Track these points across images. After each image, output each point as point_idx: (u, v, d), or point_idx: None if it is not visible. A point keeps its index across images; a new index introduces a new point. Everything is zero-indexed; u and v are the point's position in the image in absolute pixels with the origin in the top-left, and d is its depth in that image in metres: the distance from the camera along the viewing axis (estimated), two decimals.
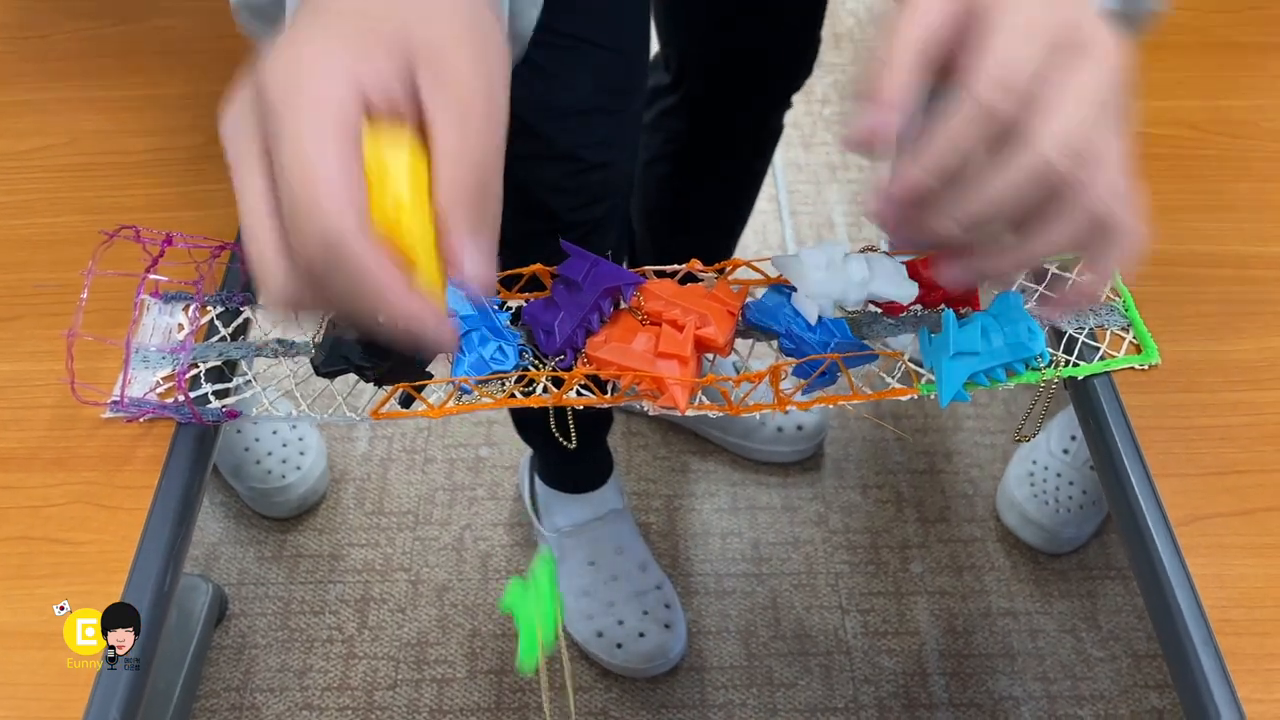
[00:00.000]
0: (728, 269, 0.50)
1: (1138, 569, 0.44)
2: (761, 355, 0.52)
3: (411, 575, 1.14)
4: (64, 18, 0.67)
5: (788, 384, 0.48)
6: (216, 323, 0.49)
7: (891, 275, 0.48)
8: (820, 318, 0.48)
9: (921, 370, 0.49)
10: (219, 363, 0.47)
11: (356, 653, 1.09)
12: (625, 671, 1.07)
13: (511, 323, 0.49)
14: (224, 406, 0.46)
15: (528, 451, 1.15)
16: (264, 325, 0.50)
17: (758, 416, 0.50)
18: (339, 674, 1.07)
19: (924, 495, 1.21)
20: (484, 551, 1.16)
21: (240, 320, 0.49)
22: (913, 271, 0.49)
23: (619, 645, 1.06)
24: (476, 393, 0.46)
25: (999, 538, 1.17)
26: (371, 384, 0.46)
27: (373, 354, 0.45)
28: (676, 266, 0.50)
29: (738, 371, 0.48)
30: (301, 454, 1.18)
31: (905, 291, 0.48)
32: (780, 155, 1.57)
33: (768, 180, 1.55)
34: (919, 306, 0.50)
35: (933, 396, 0.48)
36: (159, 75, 0.63)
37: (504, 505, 1.20)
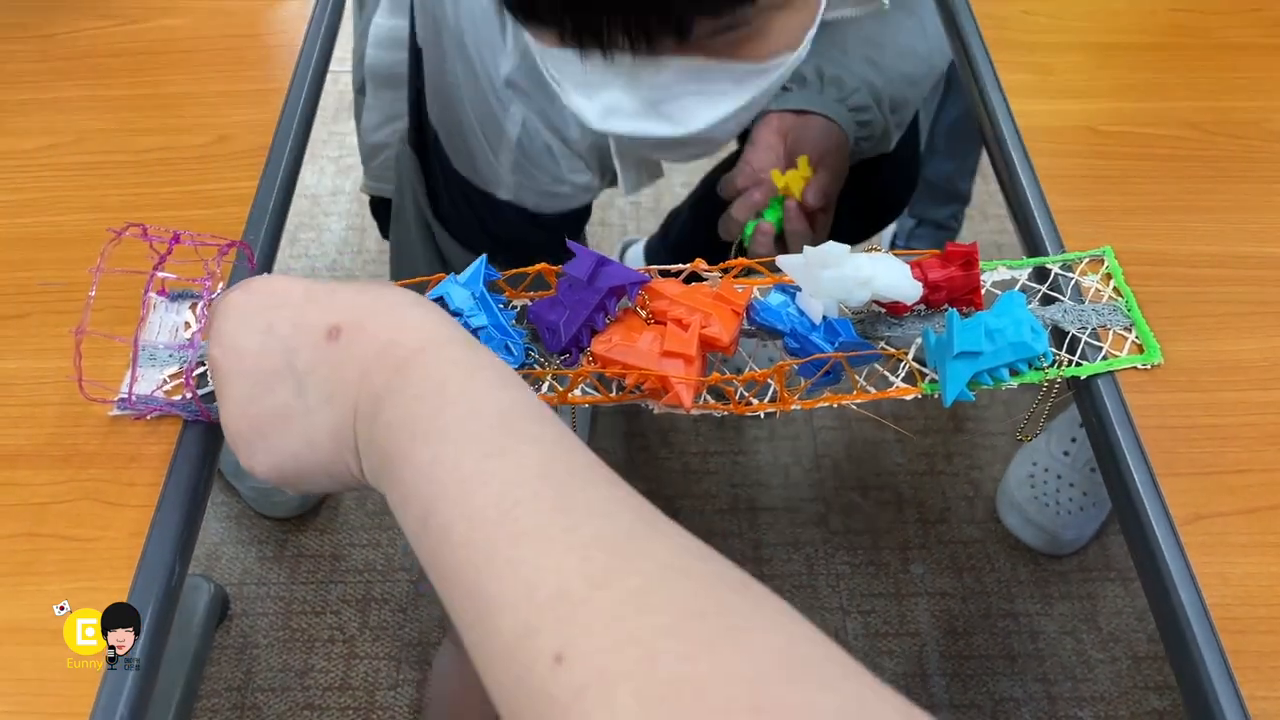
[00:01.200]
0: (732, 268, 0.50)
1: (1141, 568, 0.44)
2: (756, 353, 0.52)
3: (413, 575, 1.14)
4: (69, 17, 0.67)
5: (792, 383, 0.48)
6: None
7: (896, 275, 0.48)
8: (825, 317, 0.48)
9: (925, 370, 0.49)
10: None
11: (358, 653, 1.09)
12: None
13: (517, 321, 0.49)
14: None
15: None
16: None
17: None
18: (340, 674, 1.07)
19: (924, 496, 1.21)
20: None
21: None
22: (916, 272, 0.49)
23: None
24: None
25: (999, 539, 1.17)
26: None
27: None
28: (681, 266, 0.50)
29: (742, 371, 0.48)
30: None
31: (909, 291, 0.48)
32: None
33: None
34: (923, 306, 0.50)
35: (936, 396, 0.48)
36: (165, 74, 0.63)
37: None
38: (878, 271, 0.47)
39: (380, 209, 1.06)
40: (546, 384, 0.48)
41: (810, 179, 0.76)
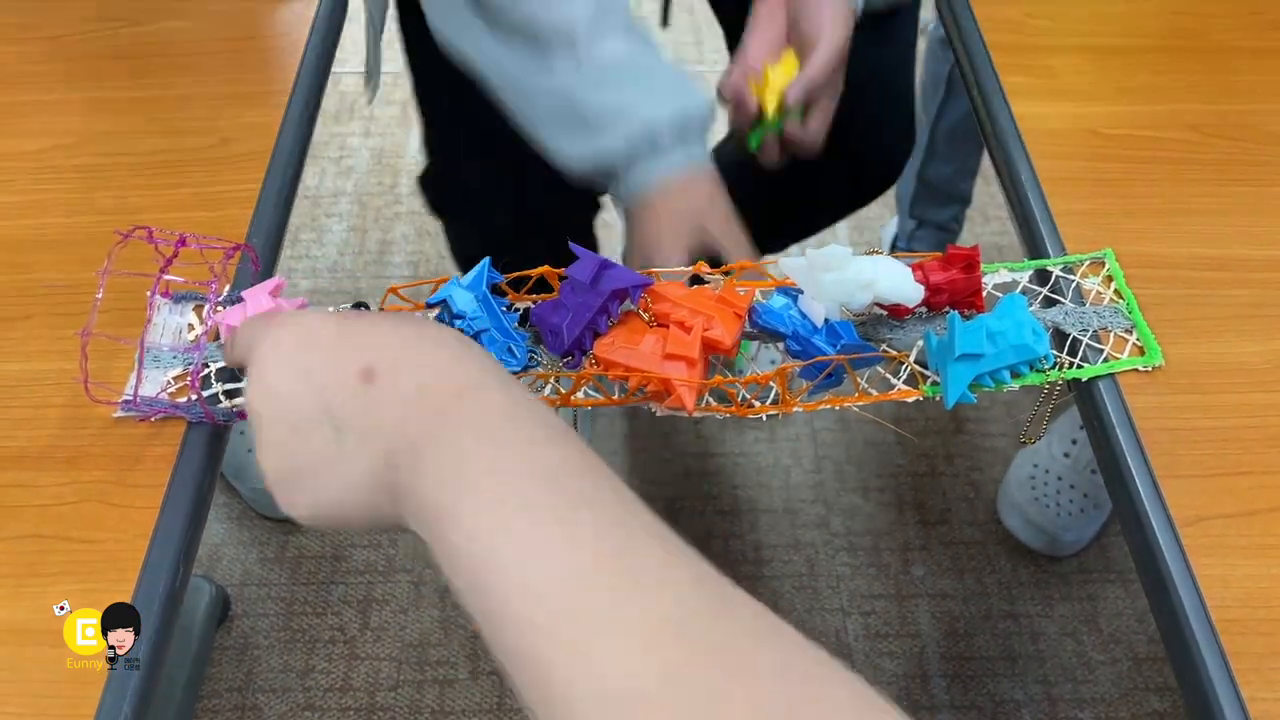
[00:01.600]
0: (734, 271, 0.51)
1: (1142, 570, 0.44)
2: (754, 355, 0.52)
3: (413, 576, 1.14)
4: (74, 19, 0.67)
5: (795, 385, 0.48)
6: None
7: (897, 277, 0.48)
8: (826, 320, 0.48)
9: (927, 372, 0.49)
10: None
11: (359, 653, 1.09)
12: None
13: (520, 324, 0.49)
14: (234, 406, 0.46)
15: None
16: None
17: None
18: (341, 675, 1.07)
19: (925, 498, 1.21)
20: None
21: None
22: (918, 274, 0.49)
23: None
24: None
25: (1000, 540, 1.17)
26: None
27: None
28: (684, 269, 0.50)
29: (744, 373, 0.48)
30: None
31: (911, 293, 0.48)
32: None
33: None
34: (924, 309, 0.51)
35: (937, 398, 0.48)
36: (169, 76, 0.63)
37: None
38: (880, 274, 0.48)
39: (432, 182, 0.96)
40: (549, 386, 0.48)
41: (796, 76, 0.68)
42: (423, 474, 0.33)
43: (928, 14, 0.91)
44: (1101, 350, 0.49)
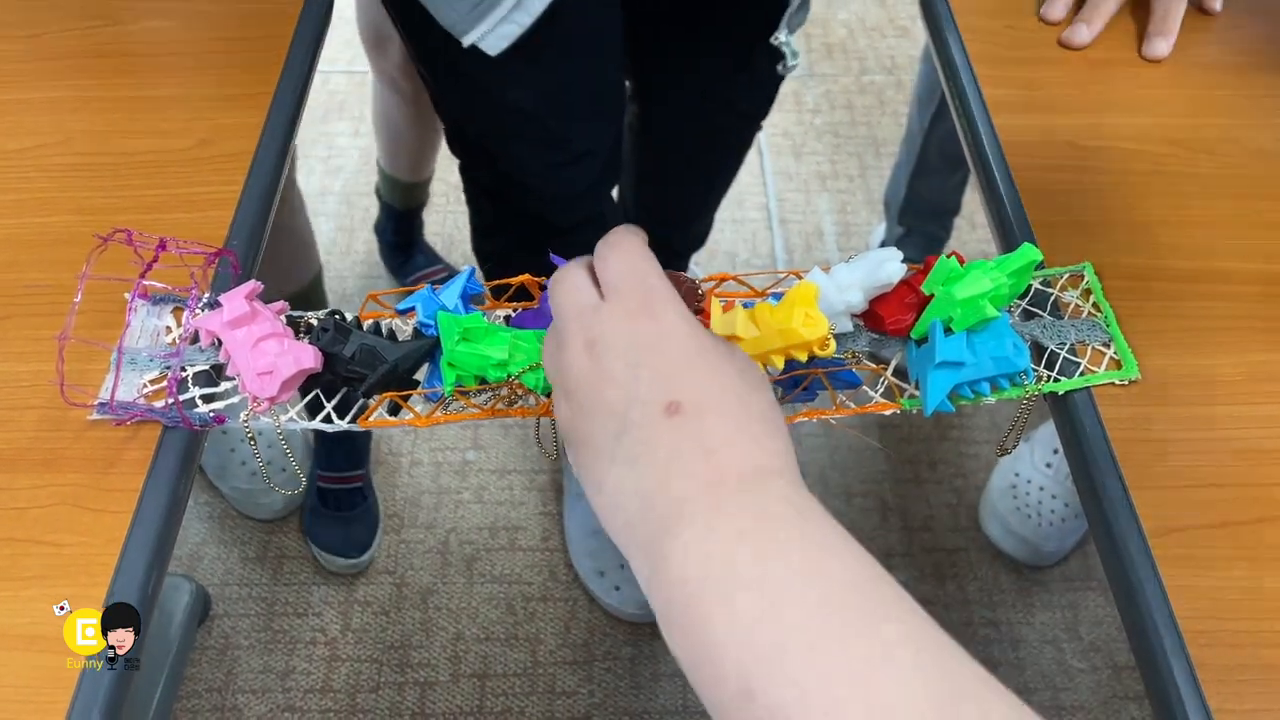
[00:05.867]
0: (715, 282, 0.51)
1: (1113, 579, 0.45)
2: None
3: (396, 578, 1.14)
4: (57, 17, 0.67)
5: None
6: None
7: (870, 265, 0.48)
8: None
9: (905, 385, 0.49)
10: (207, 367, 0.47)
11: (339, 655, 1.09)
12: (620, 614, 1.11)
13: None
14: (212, 411, 0.46)
15: None
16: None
17: None
18: (321, 676, 1.07)
19: (908, 504, 1.21)
20: (469, 555, 1.16)
21: None
22: (904, 290, 0.49)
23: (617, 588, 1.10)
24: (463, 402, 0.47)
25: (982, 547, 1.18)
26: (360, 395, 0.46)
27: (360, 365, 0.45)
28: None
29: None
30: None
31: (891, 272, 0.47)
32: (770, 164, 1.58)
33: (758, 189, 1.56)
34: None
35: (915, 411, 0.48)
36: (152, 76, 0.63)
37: (489, 509, 1.20)
38: (855, 273, 0.48)
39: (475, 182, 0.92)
40: (533, 397, 0.48)
41: None
42: (685, 543, 0.30)
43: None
44: (1078, 364, 0.50)
